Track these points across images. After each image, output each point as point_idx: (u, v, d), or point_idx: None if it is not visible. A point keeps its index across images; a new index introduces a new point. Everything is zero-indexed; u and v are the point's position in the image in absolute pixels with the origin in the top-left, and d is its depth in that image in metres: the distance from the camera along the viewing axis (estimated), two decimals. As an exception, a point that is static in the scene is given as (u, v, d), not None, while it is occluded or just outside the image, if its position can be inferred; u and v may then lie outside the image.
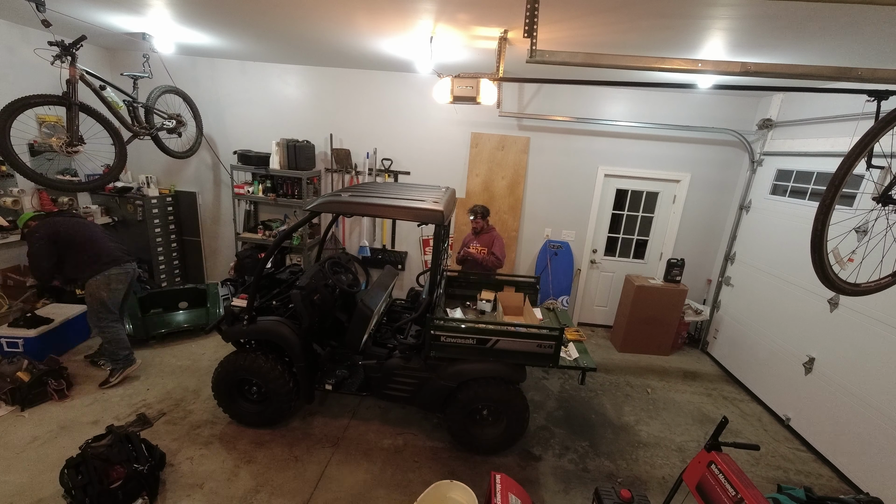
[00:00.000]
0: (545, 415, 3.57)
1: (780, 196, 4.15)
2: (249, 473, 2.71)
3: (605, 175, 4.94)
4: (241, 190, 4.90)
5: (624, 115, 4.72)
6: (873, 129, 1.75)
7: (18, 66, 3.95)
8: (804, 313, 3.60)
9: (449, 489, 2.24)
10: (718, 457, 1.99)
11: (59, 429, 2.95)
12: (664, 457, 3.19)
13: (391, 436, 3.16)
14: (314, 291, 2.98)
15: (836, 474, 3.13)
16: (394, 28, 3.02)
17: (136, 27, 3.66)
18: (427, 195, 2.95)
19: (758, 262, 4.30)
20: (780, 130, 4.28)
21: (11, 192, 3.92)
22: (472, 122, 4.90)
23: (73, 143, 3.12)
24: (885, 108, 1.90)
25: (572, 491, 2.79)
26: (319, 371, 3.14)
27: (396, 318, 3.80)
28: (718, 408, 3.90)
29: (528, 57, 2.26)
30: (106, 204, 4.80)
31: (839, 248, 2.12)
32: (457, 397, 2.88)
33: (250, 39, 3.85)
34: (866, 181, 2.89)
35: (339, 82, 4.93)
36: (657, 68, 2.24)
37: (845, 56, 2.75)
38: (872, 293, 2.08)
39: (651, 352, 4.83)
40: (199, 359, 3.98)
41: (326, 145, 5.11)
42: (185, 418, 3.16)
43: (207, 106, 5.00)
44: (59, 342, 3.76)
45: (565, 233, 5.16)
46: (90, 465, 2.31)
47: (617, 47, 2.99)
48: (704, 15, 2.28)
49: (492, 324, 2.93)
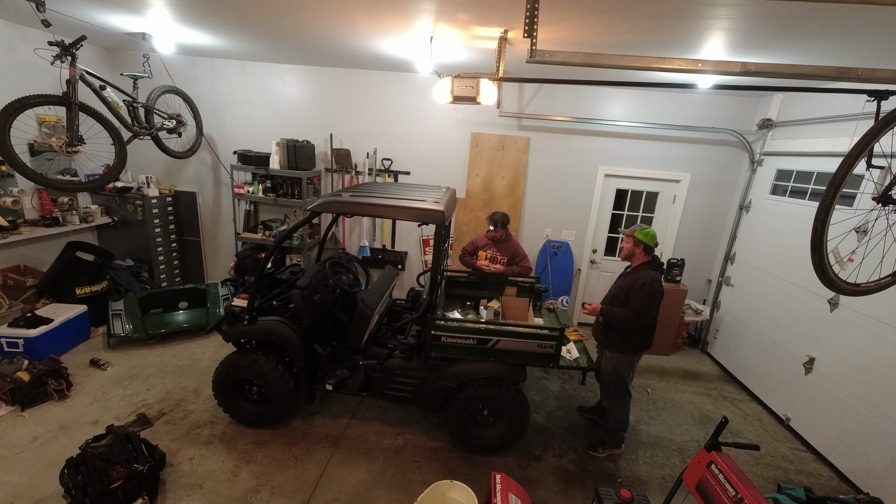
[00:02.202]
0: (545, 415, 3.57)
1: (781, 196, 4.15)
2: (249, 473, 2.71)
3: (605, 175, 4.94)
4: (241, 190, 4.90)
5: (624, 115, 4.72)
6: (873, 129, 1.75)
7: (18, 66, 3.95)
8: (804, 313, 3.60)
9: (449, 489, 2.24)
10: (718, 457, 1.99)
11: (59, 429, 2.95)
12: (664, 457, 3.19)
13: (391, 436, 3.16)
14: (315, 291, 2.98)
15: (836, 474, 3.13)
16: (394, 28, 3.02)
17: (136, 27, 3.66)
18: (428, 195, 2.95)
19: (758, 262, 4.30)
20: (780, 130, 4.28)
21: (11, 192, 3.92)
22: (472, 122, 4.90)
23: (73, 143, 3.12)
24: (885, 108, 1.90)
25: (572, 491, 2.79)
26: (320, 371, 3.14)
27: (397, 318, 3.80)
28: (718, 408, 3.90)
29: (528, 57, 2.27)
30: (106, 204, 4.80)
31: (839, 248, 2.12)
32: (457, 397, 2.88)
33: (250, 39, 3.85)
34: (866, 181, 2.88)
35: (339, 82, 4.93)
36: (657, 68, 2.25)
37: (845, 56, 2.76)
38: (872, 293, 2.09)
39: (651, 352, 4.82)
40: (199, 359, 3.98)
41: (326, 145, 5.11)
42: (185, 418, 3.16)
43: (207, 106, 5.00)
44: (59, 342, 3.76)
45: (565, 233, 5.16)
46: (90, 465, 2.31)
47: (617, 47, 2.99)
48: (704, 15, 2.28)
49: (492, 324, 2.93)
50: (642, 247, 2.87)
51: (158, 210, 4.94)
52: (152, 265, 4.96)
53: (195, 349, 4.15)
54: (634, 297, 2.77)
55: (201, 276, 5.66)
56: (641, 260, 2.90)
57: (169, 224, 5.14)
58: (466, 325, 2.90)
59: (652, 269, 2.85)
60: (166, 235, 5.10)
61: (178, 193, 5.30)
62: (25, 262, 4.20)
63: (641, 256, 2.89)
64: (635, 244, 2.89)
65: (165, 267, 5.13)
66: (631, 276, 2.89)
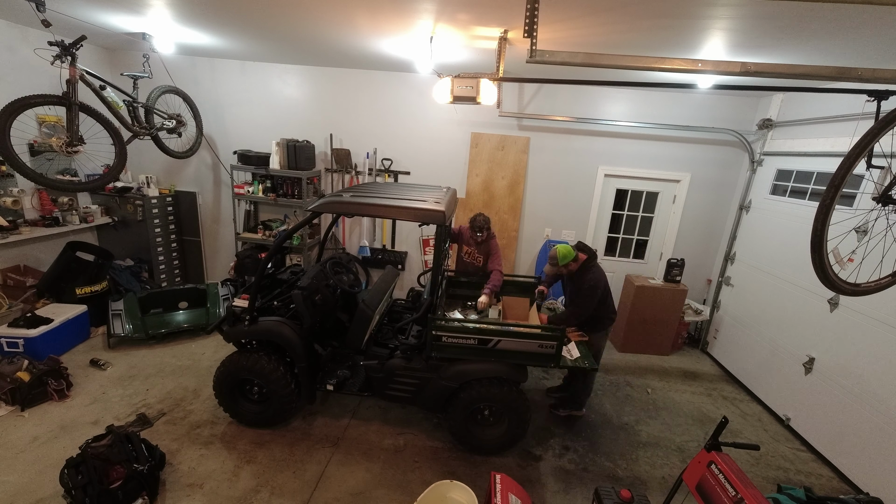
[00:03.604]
0: (545, 415, 3.57)
1: (781, 196, 4.15)
2: (250, 473, 2.71)
3: (605, 175, 4.94)
4: (241, 190, 4.90)
5: (624, 115, 4.72)
6: (873, 129, 1.76)
7: (18, 66, 3.94)
8: (804, 313, 3.61)
9: (449, 489, 2.24)
10: (718, 457, 1.99)
11: (59, 429, 2.95)
12: (664, 457, 3.19)
13: (391, 436, 3.16)
14: (315, 292, 2.98)
15: (836, 474, 3.13)
16: (394, 28, 3.02)
17: (136, 27, 3.66)
18: (428, 195, 2.95)
19: (758, 262, 4.31)
20: (780, 130, 4.28)
21: (11, 192, 3.92)
22: (472, 122, 4.90)
23: (73, 143, 3.12)
24: (885, 108, 1.90)
25: (572, 491, 2.79)
26: (321, 371, 3.14)
27: (397, 318, 3.80)
28: (718, 408, 3.90)
29: (528, 57, 2.27)
30: (106, 204, 4.79)
31: (839, 248, 2.12)
32: (458, 397, 2.88)
33: (250, 39, 3.85)
34: (866, 181, 2.89)
35: (339, 82, 4.93)
36: (657, 68, 2.25)
37: (845, 56, 2.75)
38: (872, 293, 2.08)
39: (651, 352, 4.84)
40: (199, 359, 3.98)
41: (326, 145, 5.11)
42: (185, 418, 3.16)
43: (207, 106, 5.00)
44: (59, 342, 3.76)
45: (565, 233, 5.16)
46: (90, 465, 2.31)
47: (617, 47, 2.99)
48: (704, 15, 2.28)
49: (493, 324, 2.93)
50: (570, 263, 3.15)
51: (158, 210, 4.94)
52: (152, 265, 4.96)
53: (195, 349, 4.15)
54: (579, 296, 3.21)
55: (201, 276, 5.66)
56: (576, 266, 3.19)
57: (169, 224, 5.14)
58: (467, 325, 2.90)
59: (589, 268, 3.19)
60: (166, 235, 5.10)
61: (178, 193, 5.30)
62: (25, 262, 4.20)
63: (575, 265, 3.18)
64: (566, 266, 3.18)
65: (165, 267, 5.13)
66: (575, 279, 3.24)
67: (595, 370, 3.00)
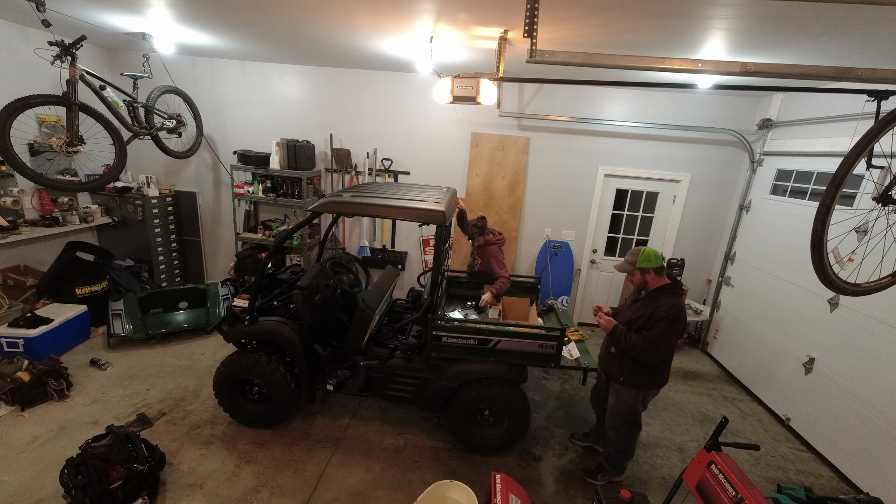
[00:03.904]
0: (545, 415, 3.57)
1: (780, 196, 4.15)
2: (250, 473, 2.71)
3: (605, 175, 4.94)
4: (241, 190, 4.90)
5: (624, 115, 4.72)
6: (873, 129, 1.76)
7: (18, 66, 3.95)
8: (804, 313, 3.60)
9: (449, 489, 2.24)
10: (718, 457, 1.99)
11: (59, 429, 2.95)
12: (664, 457, 3.19)
13: (391, 436, 3.16)
14: (315, 292, 2.98)
15: (836, 474, 3.13)
16: (394, 28, 3.02)
17: (136, 27, 3.66)
18: (428, 195, 2.95)
19: (758, 262, 4.31)
20: (780, 130, 4.28)
21: (11, 192, 3.92)
22: (472, 122, 4.90)
23: (73, 143, 3.12)
24: (885, 108, 1.90)
25: (572, 491, 2.79)
26: (321, 371, 3.14)
27: (397, 318, 3.80)
28: (718, 408, 3.90)
29: (528, 57, 2.27)
30: (106, 204, 4.79)
31: (839, 248, 2.12)
32: (458, 397, 2.88)
33: (250, 39, 3.85)
34: (866, 181, 2.89)
35: (339, 82, 4.93)
36: (657, 68, 2.25)
37: (845, 56, 2.76)
38: (872, 293, 2.09)
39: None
40: (199, 359, 3.98)
41: (326, 145, 5.11)
42: (185, 418, 3.16)
43: (207, 106, 5.00)
44: (59, 342, 3.76)
45: (565, 233, 5.16)
46: (90, 465, 2.31)
47: (617, 47, 2.99)
48: (704, 15, 2.28)
49: (493, 324, 2.93)
50: (651, 272, 2.53)
51: (158, 210, 4.94)
52: (152, 265, 4.96)
53: (195, 349, 4.15)
54: (655, 324, 2.42)
55: (201, 276, 5.66)
56: (658, 283, 2.55)
57: (169, 224, 5.14)
58: (467, 325, 2.90)
59: (673, 293, 2.52)
60: (166, 235, 5.10)
61: (178, 193, 5.30)
62: (25, 262, 4.20)
63: (656, 280, 2.55)
64: (643, 273, 2.55)
65: (165, 267, 5.13)
66: (650, 301, 2.53)
67: (595, 370, 2.98)
